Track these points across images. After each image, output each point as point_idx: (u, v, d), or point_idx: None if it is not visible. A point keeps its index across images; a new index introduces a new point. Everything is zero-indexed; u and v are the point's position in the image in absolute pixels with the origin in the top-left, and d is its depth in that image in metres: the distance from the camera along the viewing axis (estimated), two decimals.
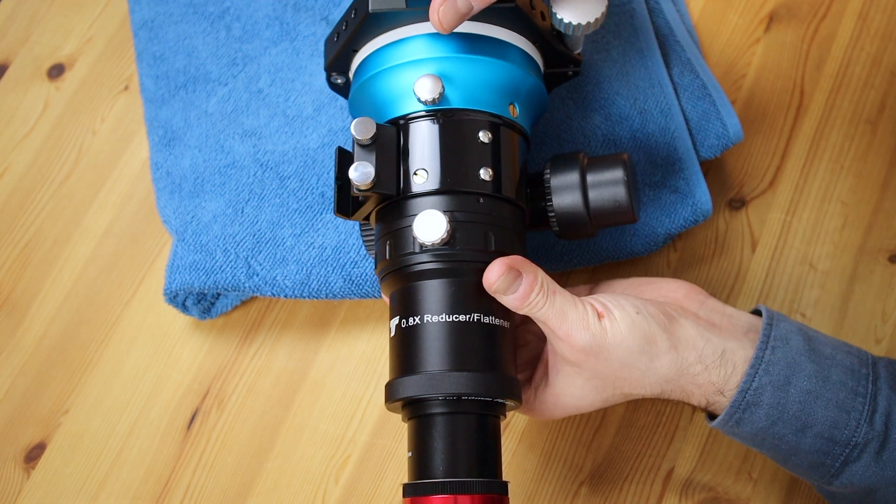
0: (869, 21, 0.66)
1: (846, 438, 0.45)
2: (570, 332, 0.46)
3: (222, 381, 0.60)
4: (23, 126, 0.68)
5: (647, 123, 0.59)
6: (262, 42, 0.64)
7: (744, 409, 0.46)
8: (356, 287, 0.57)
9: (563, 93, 0.60)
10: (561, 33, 0.51)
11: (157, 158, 0.62)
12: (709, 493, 0.55)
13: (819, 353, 0.47)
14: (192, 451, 0.58)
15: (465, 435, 0.45)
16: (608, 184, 0.49)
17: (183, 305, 0.60)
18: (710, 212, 0.58)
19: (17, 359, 0.61)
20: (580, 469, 0.56)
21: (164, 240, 0.63)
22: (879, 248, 0.60)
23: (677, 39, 0.62)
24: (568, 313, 0.46)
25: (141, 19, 0.66)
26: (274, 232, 0.58)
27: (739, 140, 0.60)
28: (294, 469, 0.57)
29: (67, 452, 0.59)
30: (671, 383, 0.47)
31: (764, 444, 0.47)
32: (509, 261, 0.46)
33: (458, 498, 0.44)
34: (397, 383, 0.46)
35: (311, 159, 0.59)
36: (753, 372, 0.46)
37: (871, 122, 0.64)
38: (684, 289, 0.51)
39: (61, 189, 0.65)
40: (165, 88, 0.64)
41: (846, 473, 0.46)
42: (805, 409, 0.45)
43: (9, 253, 0.64)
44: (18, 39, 0.70)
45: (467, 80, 0.48)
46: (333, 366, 0.60)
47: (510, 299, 0.46)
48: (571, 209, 0.50)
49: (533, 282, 0.46)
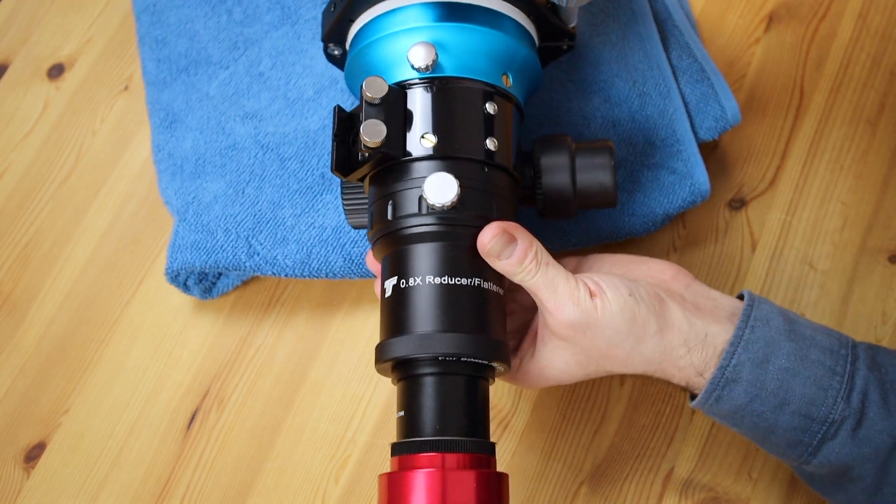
0: (869, 21, 0.66)
1: (823, 415, 0.46)
2: (559, 305, 0.46)
3: (222, 381, 0.60)
4: (23, 126, 0.68)
5: (645, 105, 0.60)
6: (264, 26, 0.65)
7: (723, 385, 0.46)
8: (356, 266, 0.57)
9: (563, 75, 0.61)
10: (555, 5, 0.51)
11: (159, 141, 0.63)
12: (709, 493, 0.55)
13: (799, 333, 0.47)
14: (192, 451, 0.58)
15: (454, 396, 0.46)
16: (596, 168, 0.51)
17: (184, 285, 0.60)
18: (709, 193, 0.58)
19: (17, 359, 0.61)
20: (580, 469, 0.56)
21: (164, 240, 0.63)
22: (879, 248, 0.60)
23: (675, 24, 0.62)
24: (559, 286, 0.46)
25: (143, 3, 0.67)
26: (274, 212, 0.58)
27: (737, 122, 0.60)
28: (294, 469, 0.57)
29: (67, 452, 0.59)
30: (654, 365, 0.48)
31: (743, 423, 0.48)
32: (504, 224, 0.46)
33: (445, 456, 0.44)
34: (388, 344, 0.46)
35: (311, 141, 0.60)
36: (733, 350, 0.46)
37: (871, 122, 0.64)
38: (672, 270, 0.51)
39: (61, 189, 0.65)
40: (167, 72, 0.64)
41: (823, 451, 0.46)
42: (783, 385, 0.46)
43: (9, 253, 0.64)
44: (18, 39, 0.70)
45: (461, 49, 0.48)
46: (333, 366, 0.60)
47: (504, 264, 0.46)
48: (560, 189, 0.51)
49: (527, 248, 0.46)
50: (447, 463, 0.44)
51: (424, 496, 0.43)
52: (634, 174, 0.58)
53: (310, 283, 0.62)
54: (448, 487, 0.43)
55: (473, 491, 0.43)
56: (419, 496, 0.43)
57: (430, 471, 0.43)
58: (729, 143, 0.64)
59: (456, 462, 0.44)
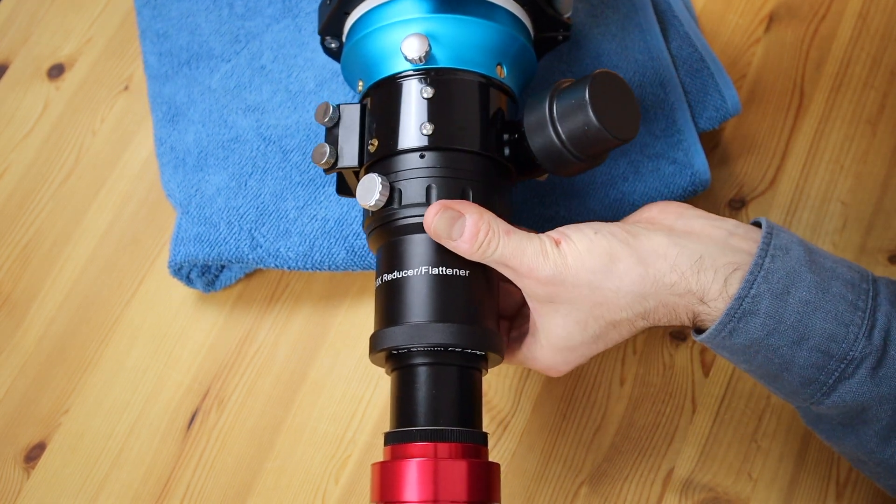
0: (869, 21, 0.66)
1: (843, 353, 0.44)
2: (531, 265, 0.45)
3: (222, 381, 0.60)
4: (23, 126, 0.68)
5: (646, 96, 0.60)
6: (265, 19, 0.65)
7: (739, 317, 0.44)
8: (358, 258, 0.58)
9: (563, 67, 0.61)
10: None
11: (161, 134, 0.63)
12: (709, 493, 0.55)
13: (820, 265, 0.45)
14: (191, 451, 0.58)
15: (446, 385, 0.46)
16: (574, 110, 0.46)
17: (187, 278, 0.60)
18: (709, 182, 0.59)
19: (17, 359, 0.61)
20: (580, 469, 0.56)
21: (165, 240, 0.63)
22: (879, 248, 0.60)
23: (675, 14, 0.63)
24: (525, 249, 0.45)
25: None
26: (277, 204, 0.59)
27: (737, 112, 0.60)
28: (294, 469, 0.57)
29: (67, 452, 0.59)
30: (649, 299, 0.45)
31: (755, 359, 0.45)
32: (447, 202, 0.46)
33: (437, 446, 0.44)
34: (381, 334, 0.46)
35: (313, 133, 0.60)
36: (752, 279, 0.44)
37: (871, 122, 0.64)
38: (657, 207, 0.49)
39: (61, 189, 0.65)
40: (169, 65, 0.65)
41: (839, 391, 0.44)
42: (803, 319, 0.44)
43: (9, 253, 0.64)
44: (18, 39, 0.70)
45: (455, 40, 0.48)
46: (333, 366, 0.60)
47: (458, 244, 0.45)
48: (547, 145, 0.47)
49: (477, 221, 0.45)
50: (440, 452, 0.44)
51: (417, 485, 0.43)
52: (635, 164, 0.59)
53: (310, 282, 0.62)
54: (440, 476, 0.43)
55: (465, 480, 0.43)
56: (411, 485, 0.43)
57: (423, 460, 0.44)
58: (729, 143, 0.64)
59: (448, 451, 0.44)
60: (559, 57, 0.61)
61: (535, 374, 0.59)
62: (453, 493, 0.43)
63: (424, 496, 0.43)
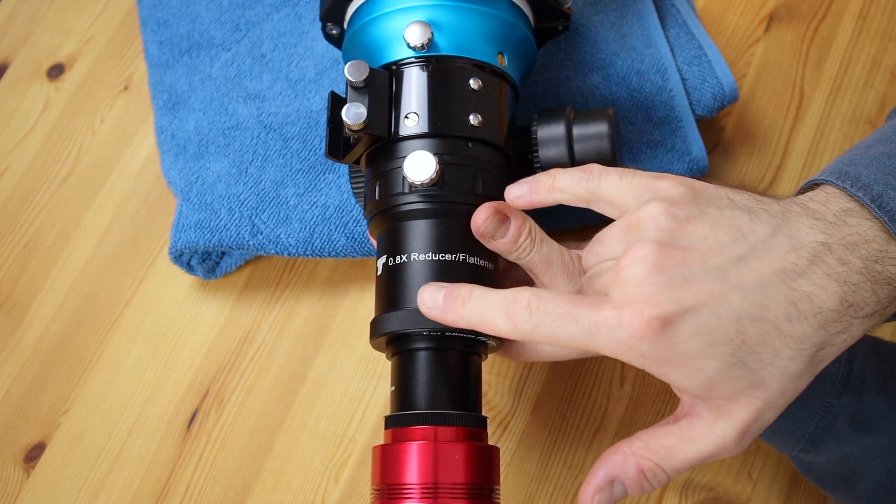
0: (869, 21, 0.66)
1: None
2: (553, 280, 0.47)
3: (222, 381, 0.60)
4: (23, 126, 0.68)
5: (644, 84, 0.60)
6: (265, 8, 0.65)
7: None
8: (358, 245, 0.58)
9: (562, 55, 0.61)
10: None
11: (162, 122, 0.63)
12: (709, 493, 0.55)
13: None
14: (191, 451, 0.58)
15: (447, 370, 0.46)
16: (593, 137, 0.51)
17: (188, 265, 0.60)
18: (707, 168, 0.59)
19: (17, 359, 0.61)
20: (580, 469, 0.56)
21: (164, 240, 0.63)
22: None
23: (673, 2, 0.63)
24: (553, 262, 0.47)
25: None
26: (277, 191, 0.59)
27: (735, 99, 0.60)
28: (294, 469, 0.57)
29: (67, 452, 0.59)
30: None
31: None
32: (497, 205, 0.47)
33: (438, 429, 0.44)
34: (382, 319, 0.47)
35: (313, 121, 0.60)
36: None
37: (871, 122, 0.64)
38: None
39: (61, 189, 0.65)
40: (169, 53, 0.65)
41: None
42: None
43: (9, 253, 0.64)
44: (18, 39, 0.70)
45: (456, 28, 0.49)
46: (333, 366, 0.60)
47: (499, 244, 0.47)
48: (557, 161, 0.51)
49: (521, 226, 0.47)
50: (440, 436, 0.44)
51: (417, 468, 0.43)
52: (633, 152, 0.59)
53: (310, 283, 0.62)
54: (440, 459, 0.43)
55: (465, 463, 0.44)
56: (412, 468, 0.43)
57: (423, 443, 0.44)
58: (729, 143, 0.64)
59: (448, 435, 0.44)
60: (557, 45, 0.61)
61: (535, 374, 0.59)
62: (454, 475, 0.43)
63: (425, 479, 0.43)
